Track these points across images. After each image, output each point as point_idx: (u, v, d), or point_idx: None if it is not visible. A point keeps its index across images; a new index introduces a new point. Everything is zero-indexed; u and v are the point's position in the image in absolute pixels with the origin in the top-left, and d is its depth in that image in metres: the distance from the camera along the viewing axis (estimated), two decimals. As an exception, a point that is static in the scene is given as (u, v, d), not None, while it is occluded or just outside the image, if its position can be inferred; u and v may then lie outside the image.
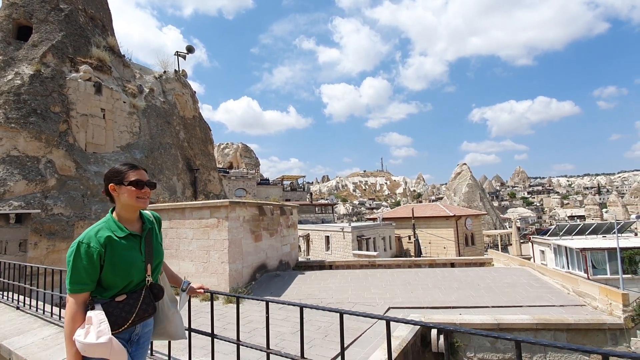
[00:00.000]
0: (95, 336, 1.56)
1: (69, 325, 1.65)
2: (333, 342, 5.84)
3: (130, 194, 1.82)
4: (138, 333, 1.84)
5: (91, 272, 1.68)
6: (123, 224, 1.85)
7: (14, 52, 11.75)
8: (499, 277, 9.22)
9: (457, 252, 27.67)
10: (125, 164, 1.91)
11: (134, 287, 1.80)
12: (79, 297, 1.69)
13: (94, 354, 1.57)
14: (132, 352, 1.81)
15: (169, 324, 2.02)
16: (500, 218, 60.96)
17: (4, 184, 9.69)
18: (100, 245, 1.71)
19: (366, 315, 1.44)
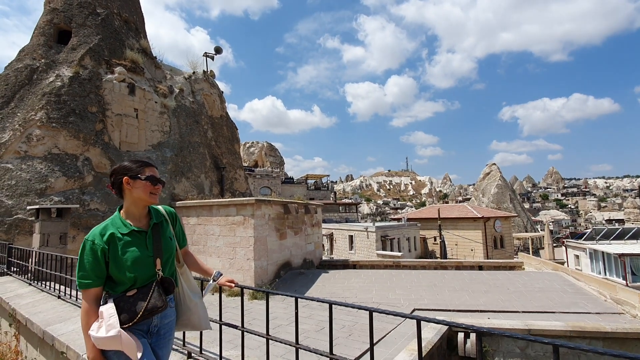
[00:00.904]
0: (105, 330, 1.64)
1: (83, 319, 1.76)
2: (357, 341, 5.83)
3: (145, 189, 1.89)
4: (157, 324, 1.90)
5: (96, 268, 1.75)
6: (130, 220, 1.90)
7: (55, 56, 12.43)
8: (530, 282, 8.89)
9: (485, 254, 26.86)
10: (137, 161, 1.96)
11: (144, 281, 1.83)
12: (88, 292, 1.77)
13: (107, 346, 1.65)
14: (152, 342, 1.88)
15: (192, 315, 2.07)
16: (532, 220, 58.67)
17: (46, 180, 10.28)
18: (103, 242, 1.78)
19: (397, 314, 1.44)
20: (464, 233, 28.40)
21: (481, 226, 27.98)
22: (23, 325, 4.25)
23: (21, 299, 4.98)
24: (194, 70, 17.75)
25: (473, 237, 27.89)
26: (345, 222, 36.61)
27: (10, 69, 12.01)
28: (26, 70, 11.81)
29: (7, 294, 5.34)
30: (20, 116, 10.94)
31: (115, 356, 1.70)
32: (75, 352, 2.90)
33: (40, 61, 12.08)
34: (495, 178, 58.09)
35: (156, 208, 2.07)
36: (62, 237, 7.11)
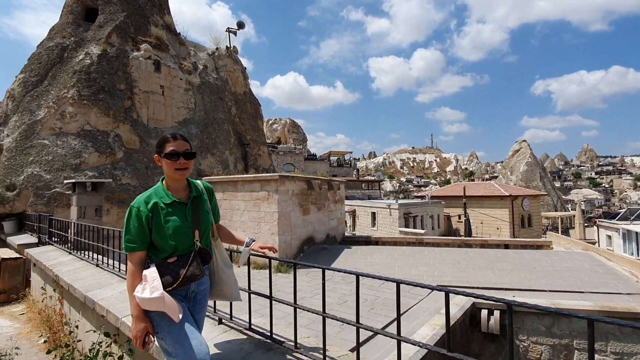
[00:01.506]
0: (149, 292, 1.74)
1: (128, 280, 1.89)
2: (380, 314, 5.93)
3: (168, 165, 1.93)
4: (194, 290, 2.01)
5: (141, 233, 1.85)
6: (170, 191, 1.97)
7: (83, 34, 12.67)
8: (559, 261, 8.67)
9: (511, 233, 26.28)
10: (169, 134, 1.98)
11: (184, 250, 1.92)
12: (133, 256, 1.88)
13: (151, 307, 1.76)
14: (190, 306, 2.00)
15: (224, 286, 2.19)
16: (562, 199, 56.59)
17: (80, 156, 10.73)
18: (148, 210, 1.87)
19: (424, 285, 1.44)
20: (490, 211, 27.78)
21: (508, 204, 27.24)
22: (66, 290, 4.57)
23: (63, 266, 5.33)
24: (217, 46, 17.71)
25: (499, 216, 27.26)
26: (367, 199, 36.56)
27: (42, 47, 12.38)
28: (57, 48, 12.14)
29: (50, 262, 5.72)
30: (54, 94, 11.34)
31: (158, 317, 1.80)
32: (114, 315, 3.10)
33: (70, 39, 12.35)
34: (525, 155, 55.93)
35: (195, 182, 2.13)
36: (98, 209, 7.48)
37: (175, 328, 1.78)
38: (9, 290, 7.52)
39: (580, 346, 6.13)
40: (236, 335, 2.46)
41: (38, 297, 6.36)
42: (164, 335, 1.79)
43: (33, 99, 11.42)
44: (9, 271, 7.61)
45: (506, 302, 1.20)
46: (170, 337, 1.77)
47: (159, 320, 1.80)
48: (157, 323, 1.81)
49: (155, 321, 1.81)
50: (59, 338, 4.50)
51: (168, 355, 1.80)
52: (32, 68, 11.99)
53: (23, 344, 4.89)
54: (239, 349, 2.26)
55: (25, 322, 6.03)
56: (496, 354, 6.53)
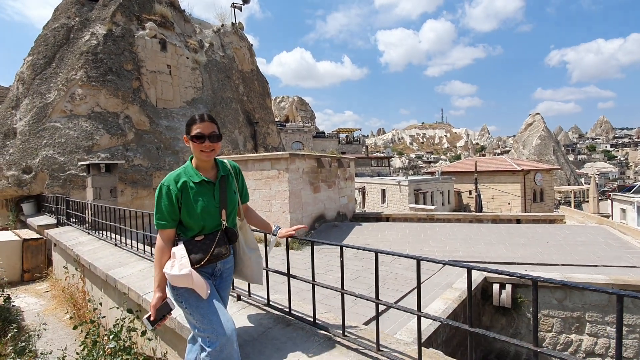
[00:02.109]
0: (178, 268, 1.78)
1: (156, 254, 1.94)
2: (391, 289, 6.02)
3: (195, 147, 1.94)
4: (220, 269, 2.07)
5: (171, 211, 1.89)
6: (199, 171, 1.99)
7: (88, 13, 12.50)
8: (572, 235, 8.61)
9: (523, 208, 26.08)
10: (197, 114, 1.99)
11: (211, 229, 1.96)
12: (163, 233, 1.93)
13: (180, 283, 1.81)
14: (216, 284, 2.06)
15: (245, 268, 2.23)
16: (576, 173, 55.64)
17: (92, 138, 10.83)
18: (177, 189, 1.90)
19: (446, 262, 1.43)
20: (501, 186, 27.51)
21: (520, 179, 26.92)
22: (87, 269, 4.72)
23: (83, 246, 5.49)
24: (222, 22, 17.36)
25: (511, 191, 27.00)
26: (377, 176, 36.46)
27: (48, 29, 12.28)
28: (63, 29, 12.03)
29: (70, 242, 5.89)
30: (62, 76, 11.34)
31: (186, 293, 1.85)
32: (135, 292, 3.20)
33: (75, 19, 12.22)
34: (538, 129, 54.72)
35: (223, 162, 2.16)
36: (113, 190, 7.61)
37: (203, 304, 1.83)
38: (32, 270, 7.81)
39: (592, 319, 6.17)
40: (255, 310, 2.52)
41: (60, 276, 6.60)
42: (192, 310, 1.84)
43: (42, 81, 11.44)
44: (32, 251, 7.87)
45: (531, 278, 1.18)
46: (199, 312, 1.82)
47: (187, 296, 1.85)
48: (185, 299, 1.86)
49: (183, 297, 1.86)
50: (84, 314, 4.69)
51: (196, 330, 1.85)
52: (40, 50, 11.95)
53: (50, 320, 5.12)
54: (258, 324, 2.32)
55: (50, 300, 6.29)
56: (507, 326, 6.62)
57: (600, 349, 6.09)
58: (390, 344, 1.98)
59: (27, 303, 6.14)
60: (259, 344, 2.09)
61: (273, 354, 1.98)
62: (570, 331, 6.30)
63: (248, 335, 2.17)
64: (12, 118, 11.41)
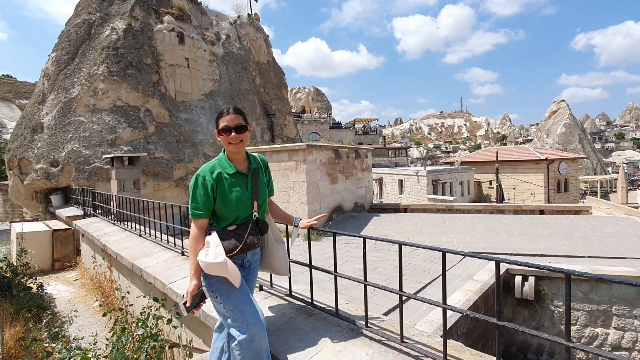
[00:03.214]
0: (213, 256, 1.82)
1: (191, 243, 1.98)
2: (410, 280, 5.99)
3: (223, 140, 1.99)
4: (249, 260, 2.11)
5: (206, 201, 1.94)
6: (232, 162, 2.03)
7: (108, 8, 12.71)
8: (599, 226, 8.32)
9: (546, 199, 25.35)
10: (225, 107, 2.04)
11: (243, 220, 2.01)
12: (197, 222, 1.98)
13: (214, 271, 1.84)
14: (245, 275, 2.08)
15: (273, 259, 2.27)
16: (603, 162, 53.57)
17: (115, 131, 11.11)
18: (213, 179, 1.94)
19: (472, 254, 1.41)
20: (523, 176, 26.77)
21: (544, 169, 26.11)
22: (114, 259, 4.88)
23: (109, 236, 5.67)
24: (238, 14, 17.36)
25: (534, 181, 26.25)
26: (394, 167, 36.12)
27: (70, 25, 12.57)
28: (84, 25, 12.29)
29: (98, 232, 6.11)
30: (85, 71, 11.62)
31: (218, 282, 1.89)
32: (161, 282, 3.29)
33: (96, 15, 12.45)
34: (563, 116, 52.77)
35: (254, 155, 2.20)
36: (136, 182, 7.81)
37: (234, 293, 1.87)
38: (62, 259, 8.15)
39: (619, 312, 5.99)
40: (277, 301, 2.56)
41: (89, 265, 6.86)
42: (223, 300, 1.87)
43: (66, 76, 11.76)
44: (61, 241, 8.21)
45: (564, 271, 1.15)
46: (230, 302, 1.85)
47: (219, 285, 1.89)
48: (216, 288, 1.89)
49: (215, 286, 1.90)
50: (111, 302, 4.87)
51: (226, 319, 1.88)
52: (63, 46, 12.26)
53: (80, 307, 5.34)
54: (280, 314, 2.36)
55: (79, 287, 6.56)
56: (529, 319, 6.50)
57: (627, 342, 5.92)
58: (413, 335, 1.97)
59: (58, 290, 6.42)
60: (283, 334, 2.12)
61: (297, 343, 2.00)
62: (595, 324, 6.15)
63: (272, 325, 2.20)
64: (39, 113, 11.81)
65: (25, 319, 4.12)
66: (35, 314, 4.53)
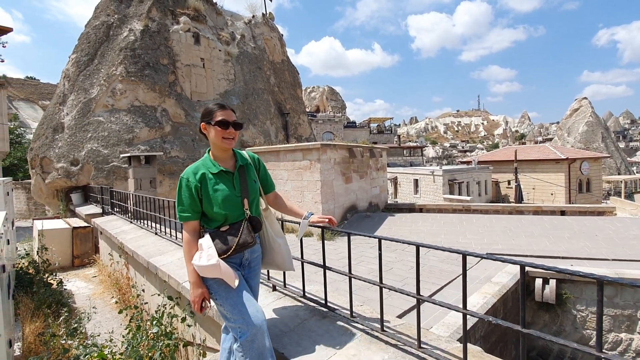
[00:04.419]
0: (206, 259, 1.80)
1: (184, 248, 1.97)
2: (426, 282, 5.87)
3: (217, 133, 1.95)
4: (248, 258, 2.07)
5: (192, 203, 1.92)
6: (217, 161, 2.01)
7: (126, 10, 12.94)
8: (624, 228, 8.01)
9: (567, 199, 24.62)
10: (215, 104, 2.02)
11: (235, 219, 1.97)
12: (187, 224, 1.96)
13: (208, 274, 1.82)
14: (245, 273, 2.06)
15: (276, 256, 2.24)
16: (627, 162, 51.74)
17: (132, 131, 11.31)
18: (196, 180, 1.92)
19: (495, 258, 1.33)
20: (543, 176, 26.07)
21: (565, 168, 25.36)
22: (130, 256, 4.95)
23: (126, 234, 5.76)
24: (253, 14, 17.44)
25: (554, 181, 25.53)
26: (409, 166, 35.74)
27: (89, 27, 12.86)
28: (103, 27, 12.55)
29: (115, 230, 6.21)
30: (104, 72, 11.87)
31: (216, 284, 1.88)
32: (175, 280, 3.31)
33: (114, 17, 12.70)
34: (585, 114, 51.16)
35: (240, 152, 2.16)
36: (152, 181, 7.92)
37: (232, 294, 1.85)
38: (81, 255, 8.34)
39: (646, 317, 5.75)
40: (291, 302, 2.52)
41: (106, 262, 6.99)
42: (222, 301, 1.86)
43: (86, 77, 12.04)
44: (80, 238, 8.40)
45: (596, 277, 1.07)
46: (228, 303, 1.84)
47: (217, 287, 1.88)
48: (215, 290, 1.89)
49: (213, 288, 1.89)
50: (128, 299, 4.93)
51: (227, 320, 1.88)
52: (83, 48, 12.55)
53: (98, 303, 5.44)
54: (294, 315, 2.32)
55: (97, 284, 6.69)
56: (551, 323, 6.30)
57: (655, 349, 5.67)
58: (430, 340, 1.91)
59: (77, 287, 6.57)
60: (296, 336, 2.08)
61: (310, 346, 1.96)
62: (620, 330, 5.91)
63: (285, 326, 2.17)
64: (60, 113, 12.13)
65: (45, 314, 4.21)
66: (55, 310, 4.63)
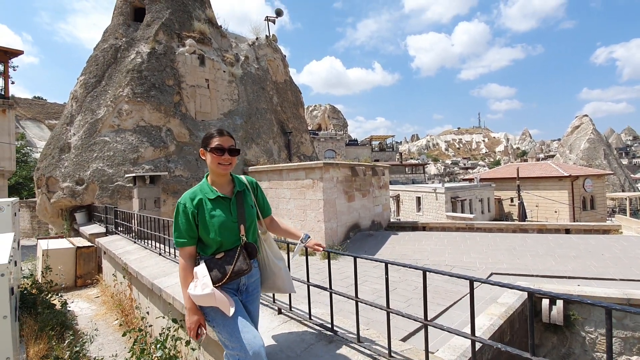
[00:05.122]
0: (200, 289, 1.80)
1: (180, 274, 1.98)
2: (431, 302, 5.80)
3: (213, 159, 1.96)
4: (245, 283, 2.06)
5: (188, 229, 1.92)
6: (215, 187, 2.01)
7: (133, 33, 13.32)
8: (631, 247, 7.94)
9: (571, 217, 24.46)
10: (215, 130, 2.03)
11: (230, 245, 1.96)
12: (183, 250, 1.96)
13: (203, 302, 1.83)
14: (243, 299, 2.05)
15: (277, 279, 2.23)
16: (631, 178, 51.53)
17: (137, 151, 11.44)
18: (193, 206, 1.92)
19: (503, 285, 1.34)
20: (546, 194, 25.99)
21: (568, 186, 25.31)
22: (134, 277, 4.93)
23: (130, 254, 5.76)
24: (257, 36, 17.87)
25: (557, 198, 25.43)
26: (411, 184, 35.75)
27: (98, 49, 13.21)
28: (111, 49, 12.89)
29: (119, 250, 6.21)
30: (111, 93, 12.11)
31: (213, 311, 1.88)
32: (180, 302, 3.29)
33: (122, 40, 13.06)
34: (586, 132, 51.37)
35: (239, 177, 2.18)
36: (157, 201, 7.97)
37: (229, 322, 1.84)
38: (84, 275, 8.30)
39: (657, 340, 5.63)
40: (296, 325, 2.51)
41: (110, 282, 6.96)
42: (219, 329, 1.87)
43: (93, 98, 12.28)
44: (84, 258, 8.38)
45: (604, 306, 1.08)
46: (226, 330, 1.84)
47: (214, 314, 1.88)
48: (212, 317, 1.89)
49: (210, 315, 1.90)
50: (131, 320, 4.89)
51: (226, 348, 1.87)
52: (91, 70, 12.86)
53: (100, 325, 5.39)
54: (300, 339, 2.30)
55: (100, 305, 6.64)
56: (559, 345, 6.17)
57: (667, 373, 5.53)
58: (438, 366, 1.89)
59: (80, 308, 6.52)
60: (302, 361, 2.06)
61: (317, 372, 1.95)
62: (631, 352, 5.78)
63: (291, 351, 2.16)
64: (67, 133, 12.31)
65: (49, 336, 4.17)
66: (59, 332, 4.59)
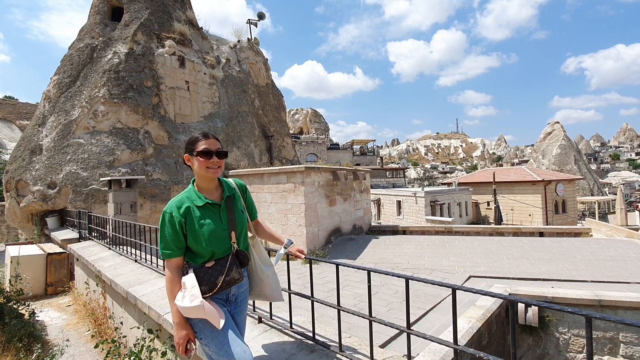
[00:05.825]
0: (189, 300, 1.71)
1: (167, 286, 1.87)
2: (412, 306, 5.85)
3: (200, 164, 1.86)
4: (234, 294, 1.99)
5: (175, 239, 1.82)
6: (202, 193, 1.91)
7: (111, 33, 12.96)
8: (601, 250, 8.26)
9: (544, 220, 25.31)
10: (199, 133, 1.93)
11: (221, 254, 1.88)
12: (170, 262, 1.86)
13: (191, 314, 1.74)
14: (231, 309, 1.98)
15: (264, 287, 2.16)
16: (599, 183, 53.88)
17: (113, 153, 11.10)
18: (180, 215, 1.82)
19: (485, 292, 1.35)
20: (521, 197, 26.82)
21: (541, 190, 26.18)
22: (108, 285, 4.75)
23: (104, 261, 5.55)
24: (238, 38, 17.73)
25: (531, 202, 26.27)
26: (392, 188, 36.16)
27: (73, 49, 12.78)
28: (87, 49, 12.50)
29: (92, 257, 5.98)
30: (86, 94, 11.73)
31: (201, 323, 1.80)
32: (156, 312, 3.18)
33: (98, 39, 12.68)
34: (558, 138, 53.42)
35: (227, 181, 2.08)
36: (133, 205, 7.73)
37: (218, 335, 1.77)
38: (55, 283, 7.95)
39: (626, 339, 5.85)
40: (277, 335, 2.47)
41: (82, 290, 6.68)
42: (207, 341, 1.79)
43: (67, 99, 11.85)
44: (55, 265, 8.03)
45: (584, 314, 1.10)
46: (214, 343, 1.76)
47: (202, 326, 1.80)
48: (199, 329, 1.81)
49: (197, 327, 1.81)
50: (104, 330, 4.71)
51: None
52: (65, 69, 12.42)
53: (71, 335, 5.16)
54: (281, 349, 2.26)
55: (72, 314, 6.37)
56: (534, 346, 6.33)
57: (636, 371, 5.75)
58: (419, 373, 1.89)
59: (50, 317, 6.23)
60: (283, 372, 2.03)
61: (298, 383, 1.91)
62: (603, 352, 5.99)
63: (271, 362, 2.11)
64: (39, 135, 11.82)
65: (17, 348, 3.97)
66: (27, 343, 4.36)
